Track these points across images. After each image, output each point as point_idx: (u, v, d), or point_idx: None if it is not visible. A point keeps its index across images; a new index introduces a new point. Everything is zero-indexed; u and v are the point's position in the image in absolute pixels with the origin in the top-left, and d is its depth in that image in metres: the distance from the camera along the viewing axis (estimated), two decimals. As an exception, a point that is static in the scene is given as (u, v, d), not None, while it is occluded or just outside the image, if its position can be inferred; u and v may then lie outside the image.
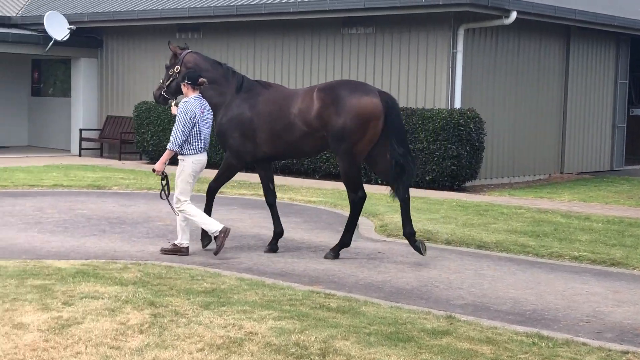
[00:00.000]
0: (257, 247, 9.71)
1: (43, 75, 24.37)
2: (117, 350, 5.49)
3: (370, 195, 14.24)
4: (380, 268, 8.71)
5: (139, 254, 9.09)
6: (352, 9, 16.83)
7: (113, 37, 22.15)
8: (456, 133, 15.48)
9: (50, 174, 16.38)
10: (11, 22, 22.35)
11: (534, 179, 18.44)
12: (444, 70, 16.39)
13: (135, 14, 20.42)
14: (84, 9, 21.89)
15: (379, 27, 17.25)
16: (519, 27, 17.30)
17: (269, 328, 6.00)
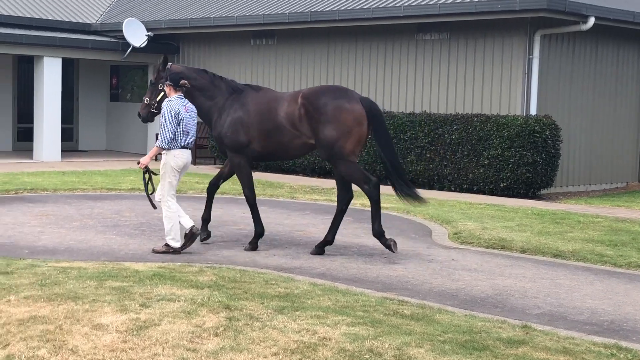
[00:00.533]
0: (329, 252, 9.74)
1: (121, 81, 24.89)
2: (194, 352, 5.57)
3: (443, 202, 14.19)
4: (454, 276, 8.65)
5: (214, 257, 9.21)
6: (427, 15, 16.77)
7: (189, 44, 22.51)
8: (531, 140, 15.28)
9: (127, 178, 16.72)
10: (91, 29, 22.92)
11: (611, 187, 18.08)
12: (520, 77, 16.20)
13: (211, 21, 20.72)
14: (162, 16, 22.31)
15: (453, 33, 17.14)
16: (597, 33, 16.99)
17: (342, 334, 6.02)
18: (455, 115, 16.41)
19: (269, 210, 13.04)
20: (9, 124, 23.50)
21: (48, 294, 6.82)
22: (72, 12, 23.49)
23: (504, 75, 16.44)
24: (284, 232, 11.08)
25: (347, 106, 9.23)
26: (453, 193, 16.08)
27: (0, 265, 7.90)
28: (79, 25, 22.84)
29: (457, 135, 16.16)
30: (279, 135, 9.50)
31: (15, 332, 5.83)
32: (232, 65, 21.28)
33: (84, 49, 21.50)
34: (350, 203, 9.76)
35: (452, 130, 16.23)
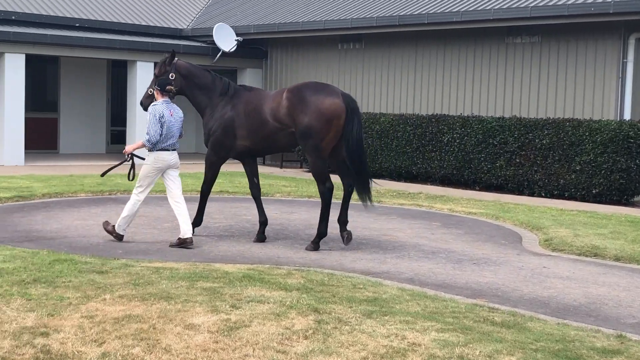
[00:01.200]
0: (417, 257, 9.69)
1: (210, 85, 25.26)
2: (283, 354, 5.61)
3: (534, 208, 13.96)
4: (546, 283, 8.49)
5: (302, 260, 9.26)
6: (517, 18, 16.56)
7: (277, 48, 22.73)
8: (625, 145, 14.90)
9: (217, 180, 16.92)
10: (182, 34, 23.37)
11: None
12: (613, 80, 15.83)
13: (299, 25, 20.87)
14: (251, 21, 22.59)
15: (544, 36, 16.86)
16: (696, 35, 16.47)
17: (432, 340, 5.97)
18: (546, 120, 16.12)
19: (355, 214, 13.04)
20: (103, 127, 24.16)
21: (142, 293, 6.97)
22: (164, 18, 24.00)
23: (596, 79, 16.09)
24: (370, 236, 11.07)
25: (328, 99, 9.79)
26: (543, 199, 15.80)
27: (95, 265, 8.12)
28: (170, 31, 23.32)
29: (548, 140, 15.88)
30: (265, 130, 10.15)
31: (111, 330, 5.97)
32: (320, 69, 21.40)
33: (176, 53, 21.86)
34: (333, 191, 10.05)
35: (543, 135, 15.95)
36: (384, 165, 18.78)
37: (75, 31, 21.18)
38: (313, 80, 21.28)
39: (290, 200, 14.69)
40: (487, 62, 17.89)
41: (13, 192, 13.88)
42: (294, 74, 22.28)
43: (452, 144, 17.37)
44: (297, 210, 13.31)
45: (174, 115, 10.05)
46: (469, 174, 17.24)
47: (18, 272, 7.60)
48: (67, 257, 8.41)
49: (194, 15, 24.90)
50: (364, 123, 19.02)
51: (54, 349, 5.55)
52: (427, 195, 15.80)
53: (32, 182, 15.48)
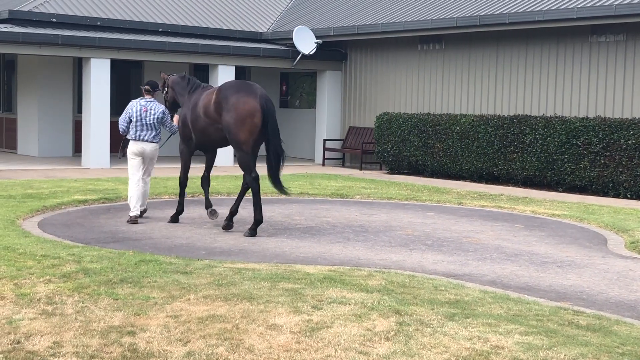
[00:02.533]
0: (499, 259, 9.59)
1: (290, 87, 25.49)
2: (365, 355, 5.62)
3: (619, 210, 13.66)
4: (632, 286, 8.30)
5: (382, 262, 9.26)
6: (602, 16, 16.22)
7: (356, 50, 22.76)
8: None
9: (296, 182, 17.08)
10: (262, 37, 23.62)
11: None
12: (703, 78, 15.37)
13: (378, 27, 20.86)
14: (330, 23, 22.68)
15: (630, 34, 16.48)
16: None
17: (515, 343, 5.91)
18: (632, 120, 15.74)
19: (436, 216, 12.98)
20: (185, 130, 24.56)
21: (225, 293, 7.07)
22: (245, 22, 24.30)
23: (685, 77, 15.65)
24: (452, 238, 11.00)
25: (244, 99, 10.72)
26: (629, 200, 15.44)
27: (179, 265, 8.27)
28: (251, 34, 23.60)
29: (634, 140, 15.51)
30: (199, 125, 11.27)
31: (195, 329, 6.08)
32: (399, 70, 21.35)
33: (256, 57, 22.18)
34: (259, 180, 11.01)
35: (629, 136, 15.58)
36: (464, 166, 18.62)
37: (159, 36, 21.63)
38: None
39: (370, 202, 14.69)
40: (570, 61, 17.57)
41: (99, 194, 14.24)
42: (373, 75, 22.29)
43: (535, 144, 17.11)
44: (377, 212, 13.31)
45: (147, 111, 11.78)
46: (552, 175, 16.96)
47: (105, 272, 7.80)
48: (152, 258, 8.59)
49: (274, 18, 25.14)
50: (445, 124, 18.91)
51: (141, 347, 5.68)
52: (509, 197, 15.61)
53: (117, 184, 15.86)
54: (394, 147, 20.18)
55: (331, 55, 22.92)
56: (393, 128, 20.18)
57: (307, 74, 24.52)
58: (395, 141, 20.12)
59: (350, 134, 22.61)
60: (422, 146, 19.48)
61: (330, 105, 23.10)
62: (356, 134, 22.42)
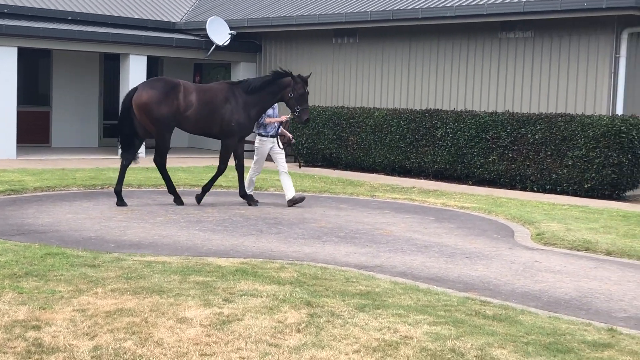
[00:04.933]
0: (410, 251, 9.71)
1: (204, 79, 25.26)
2: (276, 347, 5.62)
3: (526, 203, 14.01)
4: (537, 277, 8.52)
5: (295, 254, 9.27)
6: (511, 13, 16.56)
7: (271, 42, 22.71)
8: (617, 140, 14.94)
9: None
10: (175, 27, 23.33)
11: (702, 189, 17.53)
12: (606, 75, 15.86)
13: (293, 19, 20.86)
14: (245, 14, 22.57)
15: (538, 31, 16.88)
16: (688, 30, 16.51)
17: (424, 333, 5.99)
18: (538, 115, 16.15)
19: (349, 208, 13.06)
20: (95, 120, 24.11)
21: (134, 287, 6.97)
22: (157, 11, 23.96)
23: (589, 74, 16.12)
24: (364, 230, 11.09)
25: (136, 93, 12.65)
26: (536, 193, 15.84)
27: (87, 258, 8.11)
28: (163, 24, 23.28)
29: (540, 135, 15.91)
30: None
31: (103, 323, 5.97)
32: (314, 63, 21.39)
33: (169, 47, 21.90)
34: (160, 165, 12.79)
35: (536, 130, 15.99)
36: (377, 159, 18.79)
37: (68, 24, 21.13)
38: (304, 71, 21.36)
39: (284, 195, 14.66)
40: (481, 57, 17.90)
41: (5, 185, 13.85)
42: (287, 67, 22.21)
43: (446, 138, 17.39)
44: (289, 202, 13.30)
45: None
46: (462, 168, 17.27)
47: (10, 265, 7.59)
48: (59, 251, 8.40)
49: (187, 8, 24.87)
50: (359, 118, 19.04)
51: (46, 342, 5.55)
52: (421, 189, 15.82)
53: (24, 175, 15.45)
54: (308, 139, 20.22)
55: (245, 46, 22.81)
56: (307, 121, 20.19)
57: (221, 65, 24.34)
58: (309, 134, 20.16)
59: (264, 126, 22.52)
60: (337, 139, 19.58)
61: (244, 97, 22.95)
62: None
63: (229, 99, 12.67)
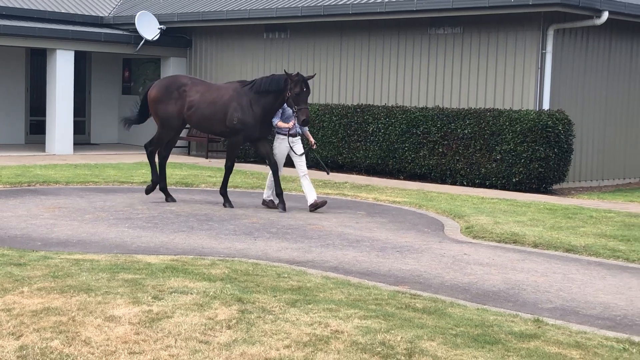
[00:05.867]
0: (342, 246, 9.75)
1: (133, 74, 24.95)
2: (206, 344, 5.58)
3: (456, 197, 14.20)
4: (466, 270, 8.64)
5: (226, 250, 9.22)
6: (440, 9, 16.74)
7: (202, 37, 22.53)
8: (544, 135, 15.23)
9: (139, 171, 16.76)
10: (103, 22, 22.97)
11: (624, 182, 18.02)
12: (533, 71, 16.16)
13: (224, 14, 20.73)
14: (174, 9, 22.33)
15: (466, 27, 17.10)
16: (611, 28, 16.93)
17: (354, 327, 6.02)
18: (468, 110, 16.37)
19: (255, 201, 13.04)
20: (22, 117, 23.59)
21: (61, 285, 6.84)
22: (85, 5, 23.55)
23: (517, 70, 16.40)
24: (296, 225, 11.09)
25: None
26: (465, 188, 16.06)
27: (13, 257, 7.94)
28: (91, 18, 22.90)
29: (469, 129, 16.14)
30: None
31: (29, 323, 5.85)
32: (245, 58, 21.30)
33: (97, 42, 21.55)
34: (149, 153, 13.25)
35: (465, 125, 16.20)
36: (309, 155, 18.80)
37: (-7, 18, 20.63)
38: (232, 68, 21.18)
39: (215, 191, 14.58)
40: (411, 52, 18.06)
41: None
42: (219, 62, 22.13)
43: (377, 134, 17.50)
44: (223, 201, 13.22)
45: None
46: (394, 163, 17.41)
47: None
48: (-16, 250, 8.20)
49: (116, 2, 24.50)
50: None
51: (-31, 343, 5.41)
52: (353, 184, 15.90)
53: (-53, 173, 15.04)
54: (239, 135, 20.12)
55: (175, 41, 22.58)
56: (238, 116, 20.11)
57: (151, 60, 24.06)
58: (240, 129, 20.06)
59: (195, 122, 22.32)
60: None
61: (175, 93, 22.71)
62: (201, 122, 22.16)
63: (234, 98, 12.51)
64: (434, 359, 5.44)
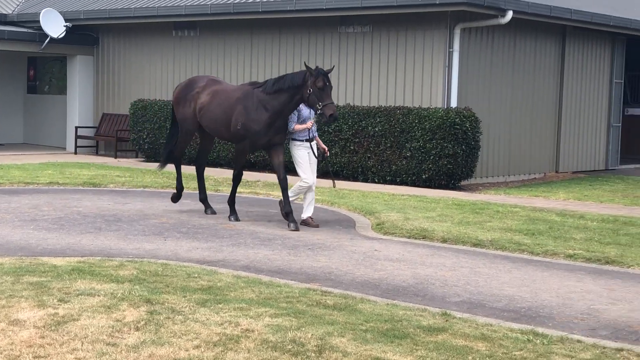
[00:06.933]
0: (254, 244, 9.72)
1: (39, 72, 24.36)
2: (113, 347, 5.49)
3: (367, 194, 14.32)
4: (377, 266, 8.73)
5: (135, 251, 9.09)
6: (349, 8, 16.85)
7: (109, 35, 22.14)
8: (452, 132, 15.50)
9: (45, 172, 16.37)
10: (7, 19, 22.34)
11: (530, 177, 18.48)
12: (441, 69, 16.42)
13: (131, 12, 20.41)
14: (80, 6, 21.88)
15: (375, 26, 17.26)
16: (515, 27, 17.33)
17: (265, 325, 6.01)
18: (378, 108, 16.53)
19: (192, 203, 12.93)
20: None
21: (-38, 290, 6.64)
22: (-13, 2, 22.88)
23: (425, 68, 16.64)
24: (207, 225, 11.01)
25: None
26: (377, 185, 16.21)
27: None
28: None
29: (380, 127, 16.30)
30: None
31: None
32: (154, 56, 21.02)
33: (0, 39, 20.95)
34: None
35: (376, 123, 16.36)
36: (222, 154, 18.70)
37: None
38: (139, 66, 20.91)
39: (124, 191, 14.38)
40: (322, 51, 18.13)
41: None
42: (127, 61, 21.78)
43: (288, 131, 17.48)
44: (132, 201, 13.04)
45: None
46: (305, 161, 17.41)
47: None
48: None
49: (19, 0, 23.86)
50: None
51: None
52: (265, 183, 15.87)
53: None
54: (149, 134, 19.86)
55: (82, 39, 22.12)
56: (149, 115, 19.85)
57: (56, 59, 23.52)
58: (151, 128, 19.81)
59: (104, 121, 21.96)
60: (178, 133, 19.30)
61: (82, 91, 22.29)
62: (110, 121, 21.82)
63: (240, 101, 11.38)
64: (344, 355, 5.48)
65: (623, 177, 18.62)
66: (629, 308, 7.24)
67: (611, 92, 20.58)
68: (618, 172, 20.00)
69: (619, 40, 20.50)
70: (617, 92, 20.78)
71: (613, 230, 11.15)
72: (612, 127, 20.63)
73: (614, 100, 20.71)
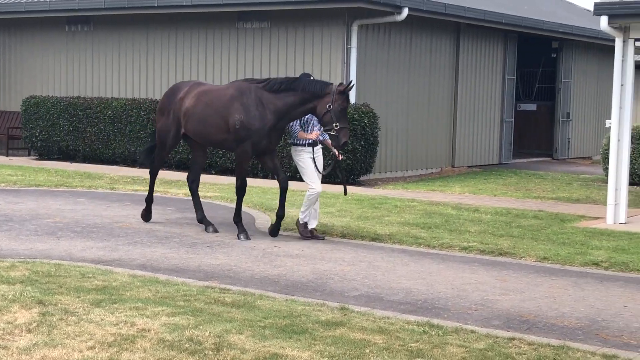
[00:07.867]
0: (150, 243, 9.58)
1: None
2: (4, 350, 5.32)
3: (267, 190, 14.29)
4: (276, 262, 8.72)
5: (27, 251, 8.83)
6: (247, 3, 16.79)
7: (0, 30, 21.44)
8: (351, 128, 15.60)
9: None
10: None
11: (427, 172, 18.80)
12: (339, 66, 16.53)
13: (22, 6, 19.83)
14: (-32, -1, 21.11)
15: (274, 22, 17.25)
16: (411, 24, 17.59)
17: (162, 324, 5.93)
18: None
19: (87, 202, 12.66)
20: None
21: None
22: None
23: (323, 65, 16.72)
24: (102, 224, 10.78)
25: None
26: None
27: None
28: None
29: (278, 123, 16.26)
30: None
31: None
32: (47, 52, 20.46)
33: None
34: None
35: (274, 119, 16.32)
36: (117, 151, 18.36)
37: None
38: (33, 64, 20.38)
39: (16, 190, 13.94)
40: (219, 46, 17.99)
41: None
42: (18, 56, 21.13)
43: (186, 128, 17.29)
44: (24, 200, 12.66)
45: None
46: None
47: None
48: None
49: None
50: (96, 108, 18.48)
51: None
52: (163, 180, 15.64)
53: None
54: (42, 131, 19.33)
55: (-30, 34, 21.34)
56: (41, 112, 19.31)
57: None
58: (44, 126, 19.28)
59: (-6, 118, 21.26)
60: (73, 131, 18.87)
61: (-29, 88, 21.53)
62: (1, 118, 21.14)
63: (235, 97, 10.09)
64: (242, 352, 5.45)
65: (516, 170, 19.15)
66: (521, 298, 7.44)
67: (504, 88, 21.12)
68: (511, 166, 20.56)
69: (511, 38, 21.06)
70: (509, 88, 21.34)
71: (506, 222, 11.45)
72: (505, 122, 21.18)
73: (507, 96, 21.27)
